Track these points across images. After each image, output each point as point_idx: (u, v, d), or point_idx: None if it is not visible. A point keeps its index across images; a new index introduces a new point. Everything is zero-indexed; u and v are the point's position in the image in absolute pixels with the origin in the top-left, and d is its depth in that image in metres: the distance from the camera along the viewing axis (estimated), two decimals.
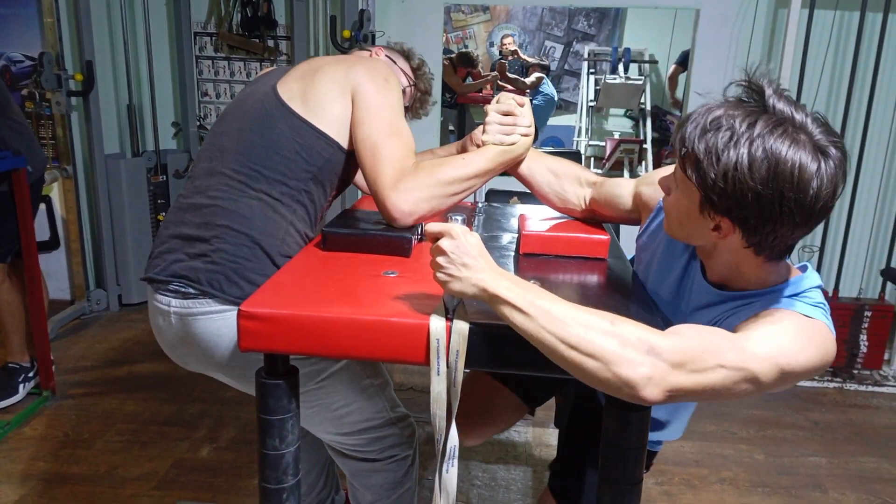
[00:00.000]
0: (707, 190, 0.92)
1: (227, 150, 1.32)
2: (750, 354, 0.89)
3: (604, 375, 0.85)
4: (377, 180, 1.25)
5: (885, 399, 2.99)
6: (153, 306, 1.31)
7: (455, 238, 0.92)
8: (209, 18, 3.68)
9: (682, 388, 0.86)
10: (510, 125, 1.37)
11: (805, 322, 0.95)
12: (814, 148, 0.88)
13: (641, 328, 0.87)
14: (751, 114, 0.90)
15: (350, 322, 0.95)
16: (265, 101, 1.33)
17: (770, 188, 0.87)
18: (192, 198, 1.32)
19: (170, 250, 1.29)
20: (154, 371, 2.94)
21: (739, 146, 0.88)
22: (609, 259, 1.30)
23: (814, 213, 0.89)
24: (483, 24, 7.72)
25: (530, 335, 0.88)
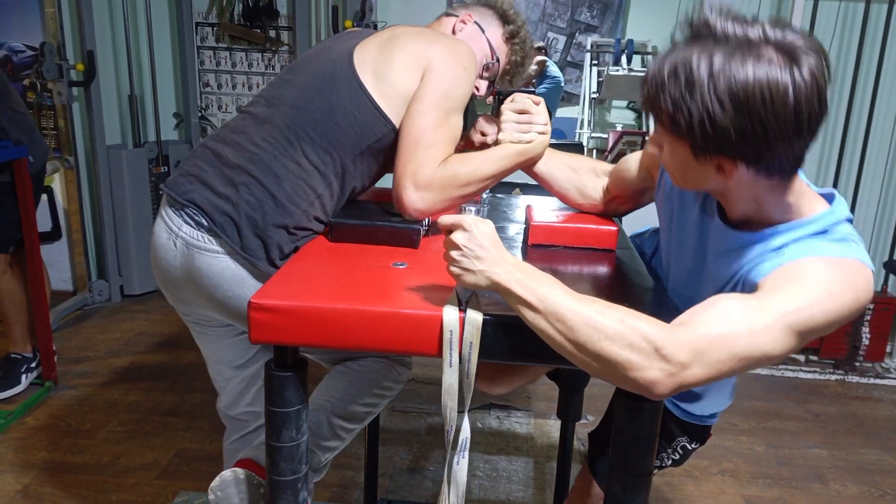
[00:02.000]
0: (691, 138, 0.90)
1: (285, 101, 1.30)
2: (763, 330, 0.84)
3: (613, 376, 0.85)
4: (405, 166, 1.24)
5: (886, 391, 3.00)
6: (162, 221, 1.28)
7: (468, 230, 0.92)
8: (210, 9, 3.66)
9: (694, 381, 0.85)
10: (526, 123, 1.36)
11: (833, 268, 0.89)
12: (780, 58, 0.84)
13: (651, 325, 0.84)
14: (704, 49, 0.86)
15: (362, 314, 0.95)
16: (338, 61, 1.30)
17: (748, 118, 0.84)
18: (238, 135, 1.30)
19: (197, 175, 1.26)
20: (156, 361, 2.94)
21: (703, 88, 0.85)
22: (617, 250, 1.30)
23: (803, 122, 0.85)
24: None
25: (540, 331, 0.88)
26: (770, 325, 0.85)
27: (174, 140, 3.78)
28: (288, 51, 3.68)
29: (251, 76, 3.76)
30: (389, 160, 1.35)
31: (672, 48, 0.91)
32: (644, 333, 0.83)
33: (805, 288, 0.88)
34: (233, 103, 3.81)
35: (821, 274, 0.89)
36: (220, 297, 1.25)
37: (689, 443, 1.39)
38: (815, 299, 0.87)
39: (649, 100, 0.92)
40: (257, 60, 3.73)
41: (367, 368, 1.31)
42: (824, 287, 0.88)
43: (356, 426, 1.31)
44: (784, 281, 0.89)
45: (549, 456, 2.39)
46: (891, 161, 3.41)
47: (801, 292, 0.87)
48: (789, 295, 0.87)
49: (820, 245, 0.93)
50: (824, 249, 0.92)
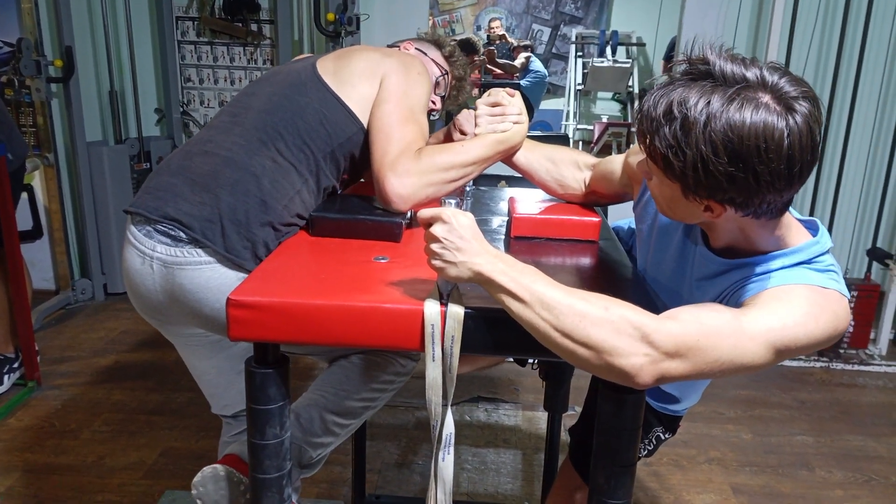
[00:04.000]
0: (682, 180, 0.89)
1: (252, 108, 1.33)
2: (748, 339, 0.86)
3: (596, 363, 0.85)
4: (382, 159, 1.25)
5: (870, 378, 3.03)
6: (132, 247, 1.23)
7: (447, 222, 0.91)
8: (191, 3, 3.62)
9: (675, 374, 0.85)
10: (500, 115, 1.38)
11: (817, 295, 0.92)
12: (777, 106, 0.83)
13: (636, 312, 0.85)
14: (703, 90, 0.85)
15: (342, 309, 0.94)
16: (302, 72, 1.37)
17: (741, 167, 0.84)
18: (206, 145, 1.29)
19: (168, 189, 1.24)
20: (140, 360, 2.92)
21: (699, 132, 0.84)
22: (600, 241, 1.29)
23: (794, 174, 0.85)
24: (470, 7, 7.67)
25: (524, 321, 0.87)
26: (755, 337, 0.87)
27: (156, 136, 3.74)
28: (270, 44, 3.65)
29: (233, 70, 3.73)
30: (359, 166, 1.40)
31: (669, 84, 0.89)
32: (631, 320, 0.84)
33: (791, 309, 0.90)
34: (215, 98, 3.77)
35: (805, 299, 0.91)
36: (209, 312, 1.22)
37: (663, 433, 1.41)
38: (800, 321, 0.89)
39: (643, 135, 0.91)
40: (239, 54, 3.70)
41: (365, 363, 1.30)
42: (809, 312, 0.90)
43: (352, 422, 1.29)
44: (770, 301, 0.92)
45: (537, 448, 2.39)
46: (873, 149, 3.44)
47: (787, 313, 0.89)
48: (776, 313, 0.89)
49: (805, 274, 0.95)
50: (809, 278, 0.94)
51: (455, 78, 1.68)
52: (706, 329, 0.86)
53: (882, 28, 3.26)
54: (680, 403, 1.39)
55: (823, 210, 3.31)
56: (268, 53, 3.69)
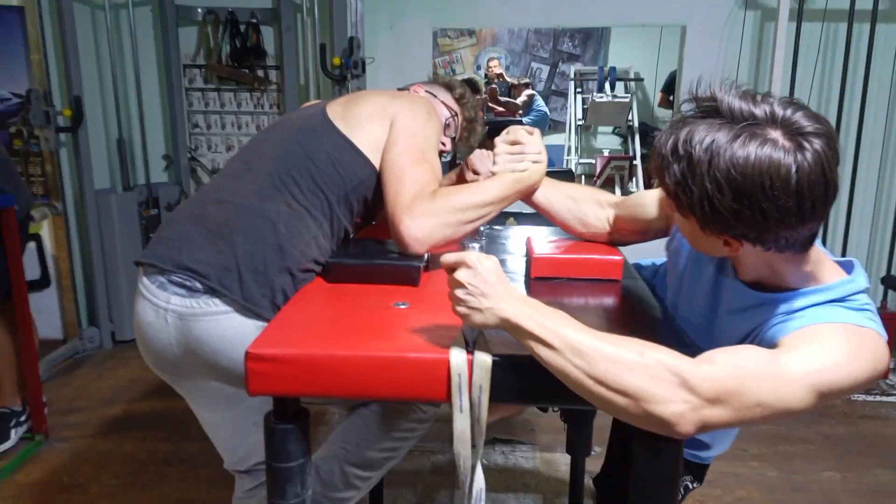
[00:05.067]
0: (694, 216, 0.89)
1: (265, 155, 1.32)
2: (787, 383, 0.83)
3: (634, 412, 0.81)
4: (396, 202, 1.23)
5: (893, 409, 2.96)
6: (145, 300, 1.20)
7: (472, 267, 0.88)
8: (198, 50, 3.66)
9: (717, 423, 0.82)
10: (518, 153, 1.36)
11: (853, 334, 0.89)
12: (785, 141, 0.82)
13: (672, 356, 0.82)
14: (710, 128, 0.85)
15: (364, 360, 0.91)
16: (312, 117, 1.36)
17: (746, 203, 0.83)
18: (218, 193, 1.28)
19: (181, 239, 1.21)
20: (150, 409, 2.87)
21: (704, 170, 0.84)
22: (623, 280, 1.26)
23: (805, 210, 0.83)
24: (470, 47, 7.77)
25: (555, 368, 0.84)
26: (796, 379, 0.84)
27: (164, 182, 3.75)
28: (276, 89, 3.68)
29: (240, 115, 3.76)
30: (371, 209, 1.39)
31: (679, 122, 0.89)
32: (668, 365, 0.81)
33: (829, 351, 0.87)
34: (222, 143, 3.80)
35: (843, 340, 0.88)
36: (226, 364, 1.19)
37: (691, 482, 1.37)
38: (840, 363, 0.86)
39: (657, 172, 0.91)
40: (246, 100, 3.73)
41: (385, 410, 1.26)
42: (848, 352, 0.87)
43: (373, 474, 1.25)
44: (806, 342, 0.88)
45: (558, 492, 2.32)
46: (881, 180, 3.42)
47: (825, 354, 0.86)
48: (814, 355, 0.86)
49: (839, 312, 0.92)
50: (844, 316, 0.91)
51: (466, 119, 1.67)
52: (745, 372, 0.83)
53: (885, 55, 3.27)
54: (710, 450, 1.34)
55: (834, 240, 3.28)
56: (274, 98, 3.72)
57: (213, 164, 3.81)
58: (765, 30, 3.36)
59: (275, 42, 3.63)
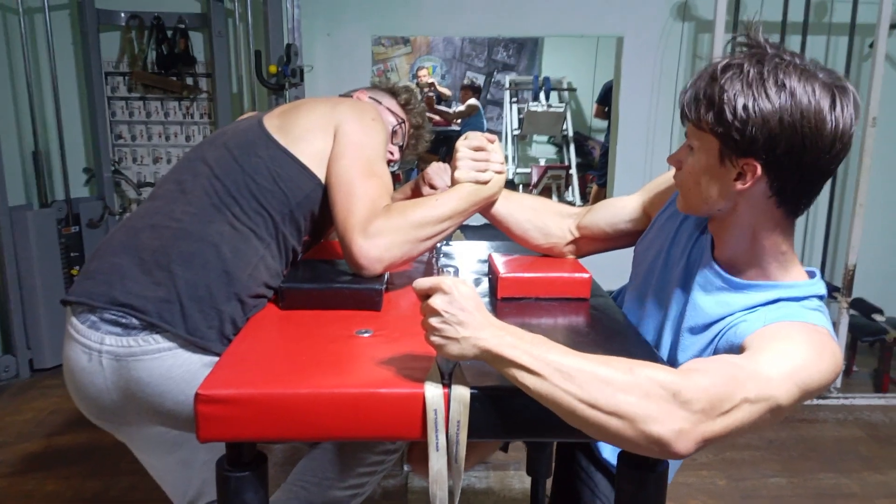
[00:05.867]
0: (728, 130, 0.90)
1: (201, 174, 1.21)
2: (769, 380, 0.83)
3: (630, 435, 0.77)
4: (347, 220, 1.14)
5: (830, 412, 3.05)
6: (75, 343, 1.08)
7: (448, 293, 0.81)
8: (121, 57, 3.46)
9: (714, 435, 0.79)
10: (483, 160, 1.27)
11: (813, 332, 0.91)
12: (825, 83, 0.89)
13: (662, 371, 0.80)
14: (757, 56, 0.91)
15: (330, 398, 0.82)
16: (249, 130, 1.26)
17: (790, 114, 0.87)
18: (152, 218, 1.16)
19: (113, 271, 1.09)
20: (74, 443, 2.66)
21: (754, 81, 0.88)
22: (592, 299, 1.22)
23: (836, 138, 0.88)
24: (405, 56, 7.72)
25: (544, 397, 0.78)
26: (781, 375, 0.83)
27: (85, 197, 3.51)
28: (207, 98, 3.51)
29: (168, 125, 3.57)
30: (320, 225, 1.31)
31: (724, 57, 0.94)
32: (659, 381, 0.78)
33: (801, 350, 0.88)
34: (149, 155, 3.60)
35: (809, 339, 0.90)
36: (171, 406, 1.07)
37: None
38: (814, 361, 0.87)
39: (696, 94, 0.94)
40: (174, 109, 3.54)
41: (350, 444, 1.16)
42: (816, 351, 0.88)
43: None
44: (777, 341, 0.89)
45: None
46: None
47: (799, 353, 0.87)
48: (789, 353, 0.87)
49: (799, 311, 0.95)
50: (804, 315, 0.94)
51: (413, 126, 1.60)
52: (730, 376, 0.82)
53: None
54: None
55: None
56: (205, 107, 3.55)
57: (139, 178, 3.60)
58: (699, 41, 3.43)
59: (205, 49, 3.47)
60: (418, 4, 3.41)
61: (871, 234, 3.28)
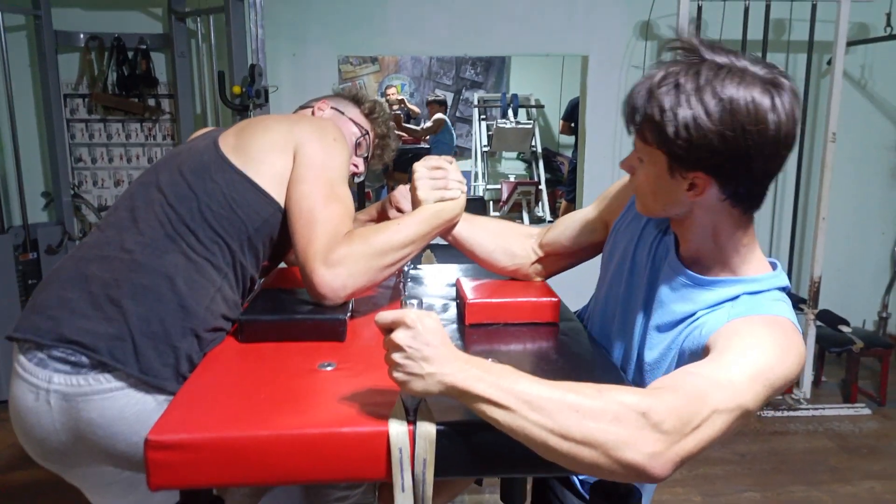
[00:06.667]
0: (672, 148, 0.90)
1: (153, 201, 1.15)
2: (736, 386, 0.82)
3: (604, 463, 0.75)
4: (308, 249, 1.10)
5: (800, 423, 3.07)
6: (22, 381, 1.02)
7: (412, 327, 0.78)
8: (80, 79, 3.38)
9: (689, 453, 0.77)
10: (441, 178, 1.25)
11: (776, 326, 0.91)
12: (763, 83, 0.88)
13: (630, 393, 0.78)
14: (692, 65, 0.89)
15: (290, 439, 0.78)
16: (204, 153, 1.20)
17: (731, 127, 0.86)
18: (102, 249, 1.11)
19: (61, 306, 1.04)
20: (32, 479, 2.55)
21: (691, 96, 0.87)
22: (561, 323, 1.20)
23: (781, 140, 0.88)
24: (373, 74, 7.72)
25: (514, 430, 0.76)
26: (747, 379, 0.83)
27: (43, 223, 3.41)
28: (170, 119, 3.45)
29: (129, 147, 3.49)
30: (278, 250, 1.26)
31: (658, 66, 0.92)
32: (627, 404, 0.76)
33: (766, 346, 0.87)
34: (110, 178, 3.51)
35: (773, 333, 0.90)
36: (124, 448, 1.02)
37: None
38: (779, 357, 0.87)
39: (634, 108, 0.93)
40: (136, 131, 3.47)
41: None
42: (781, 346, 0.88)
43: None
44: (741, 338, 0.89)
45: None
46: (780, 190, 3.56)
47: (764, 350, 0.87)
48: (754, 352, 0.86)
49: (761, 303, 0.96)
50: (765, 307, 0.94)
51: (377, 136, 1.55)
52: (697, 388, 0.80)
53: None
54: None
55: None
56: (168, 129, 3.48)
57: (100, 201, 3.51)
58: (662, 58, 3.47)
59: (167, 69, 3.41)
60: (384, 24, 3.40)
61: (834, 246, 3.33)
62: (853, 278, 3.72)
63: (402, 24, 3.41)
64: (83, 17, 3.34)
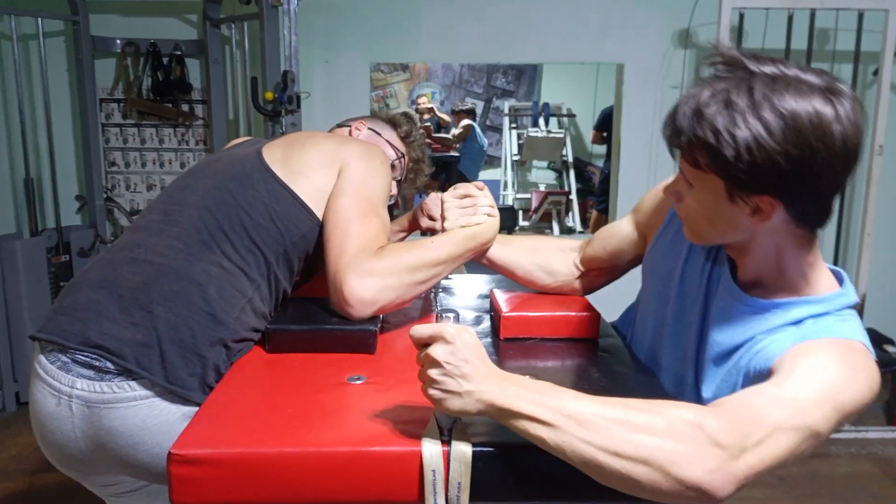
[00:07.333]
0: (732, 172, 0.82)
1: (189, 205, 1.13)
2: (801, 404, 0.76)
3: (661, 482, 0.69)
4: (340, 258, 1.08)
5: (842, 446, 2.95)
6: (43, 384, 1.00)
7: (451, 342, 0.74)
8: (116, 84, 3.42)
9: (752, 469, 0.72)
10: (471, 206, 1.24)
11: (846, 349, 0.84)
12: (821, 92, 0.81)
13: (686, 409, 0.73)
14: (741, 80, 0.82)
15: (318, 457, 0.75)
16: (246, 161, 1.20)
17: (797, 145, 0.79)
18: (133, 251, 1.09)
19: (88, 308, 1.01)
20: (59, 481, 2.56)
21: (747, 114, 0.80)
22: (601, 339, 1.14)
23: (850, 152, 0.82)
24: (403, 82, 7.72)
25: (560, 449, 0.71)
26: (817, 399, 0.76)
27: (77, 225, 3.45)
28: (203, 125, 3.47)
29: (162, 152, 3.52)
30: (313, 265, 1.25)
31: (700, 83, 0.84)
32: (680, 416, 0.71)
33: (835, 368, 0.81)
34: (142, 182, 3.54)
35: (839, 352, 0.83)
36: (146, 459, 0.99)
37: None
38: (849, 378, 0.80)
39: (680, 132, 0.84)
40: (169, 136, 3.50)
41: None
42: (851, 367, 0.82)
43: None
44: (806, 358, 0.82)
45: None
46: None
47: (832, 371, 0.80)
48: (822, 373, 0.79)
49: (830, 325, 0.88)
50: (835, 329, 0.87)
51: (412, 160, 1.55)
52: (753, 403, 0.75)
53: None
54: None
55: None
56: (200, 134, 3.50)
57: (132, 205, 3.54)
58: (701, 72, 3.39)
59: (201, 75, 3.43)
60: (417, 32, 3.38)
61: (879, 263, 3.21)
62: None
63: (434, 31, 3.39)
64: (120, 24, 3.38)
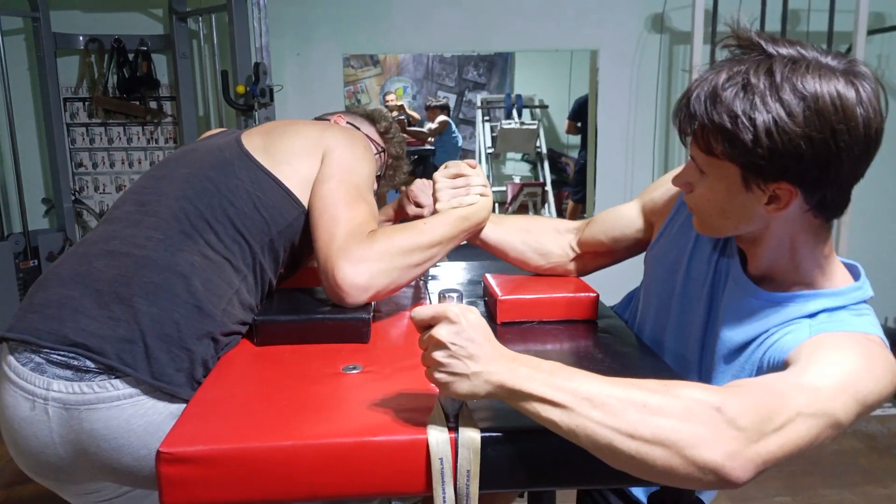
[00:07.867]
0: (750, 158, 0.79)
1: (167, 195, 1.08)
2: (822, 391, 0.73)
3: (678, 464, 0.66)
4: (330, 245, 1.03)
5: None
6: (13, 387, 0.92)
7: (456, 322, 0.70)
8: (80, 82, 3.31)
9: (771, 455, 0.69)
10: (463, 186, 1.19)
11: (864, 341, 0.82)
12: (843, 74, 0.78)
13: (703, 390, 0.70)
14: (759, 62, 0.79)
15: (318, 450, 0.70)
16: (225, 149, 1.15)
17: (819, 129, 0.76)
18: (109, 244, 1.03)
19: (63, 305, 0.95)
20: (36, 493, 2.47)
21: (766, 97, 0.77)
22: (600, 320, 1.11)
23: (870, 139, 0.79)
24: (375, 77, 7.65)
25: (574, 432, 0.68)
26: (837, 388, 0.74)
27: (44, 229, 3.34)
28: (172, 122, 3.38)
29: (131, 152, 3.42)
30: (298, 256, 1.22)
31: (716, 66, 0.81)
32: (697, 398, 0.68)
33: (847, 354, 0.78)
34: (111, 183, 3.44)
35: (857, 344, 0.81)
36: (130, 462, 0.93)
37: None
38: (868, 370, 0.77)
39: (693, 116, 0.81)
40: (137, 134, 3.40)
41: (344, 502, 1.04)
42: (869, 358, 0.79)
43: None
44: (825, 350, 0.79)
45: None
46: None
47: (852, 362, 0.77)
48: (841, 363, 0.77)
49: (846, 319, 0.86)
50: (852, 323, 0.85)
51: (391, 156, 1.51)
52: (773, 389, 0.72)
53: None
54: None
55: None
56: (170, 132, 3.41)
57: (101, 207, 3.44)
58: (674, 53, 3.39)
59: (169, 71, 3.34)
60: (390, 22, 3.33)
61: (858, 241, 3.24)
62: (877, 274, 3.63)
63: (407, 21, 3.34)
64: (82, 19, 3.27)
